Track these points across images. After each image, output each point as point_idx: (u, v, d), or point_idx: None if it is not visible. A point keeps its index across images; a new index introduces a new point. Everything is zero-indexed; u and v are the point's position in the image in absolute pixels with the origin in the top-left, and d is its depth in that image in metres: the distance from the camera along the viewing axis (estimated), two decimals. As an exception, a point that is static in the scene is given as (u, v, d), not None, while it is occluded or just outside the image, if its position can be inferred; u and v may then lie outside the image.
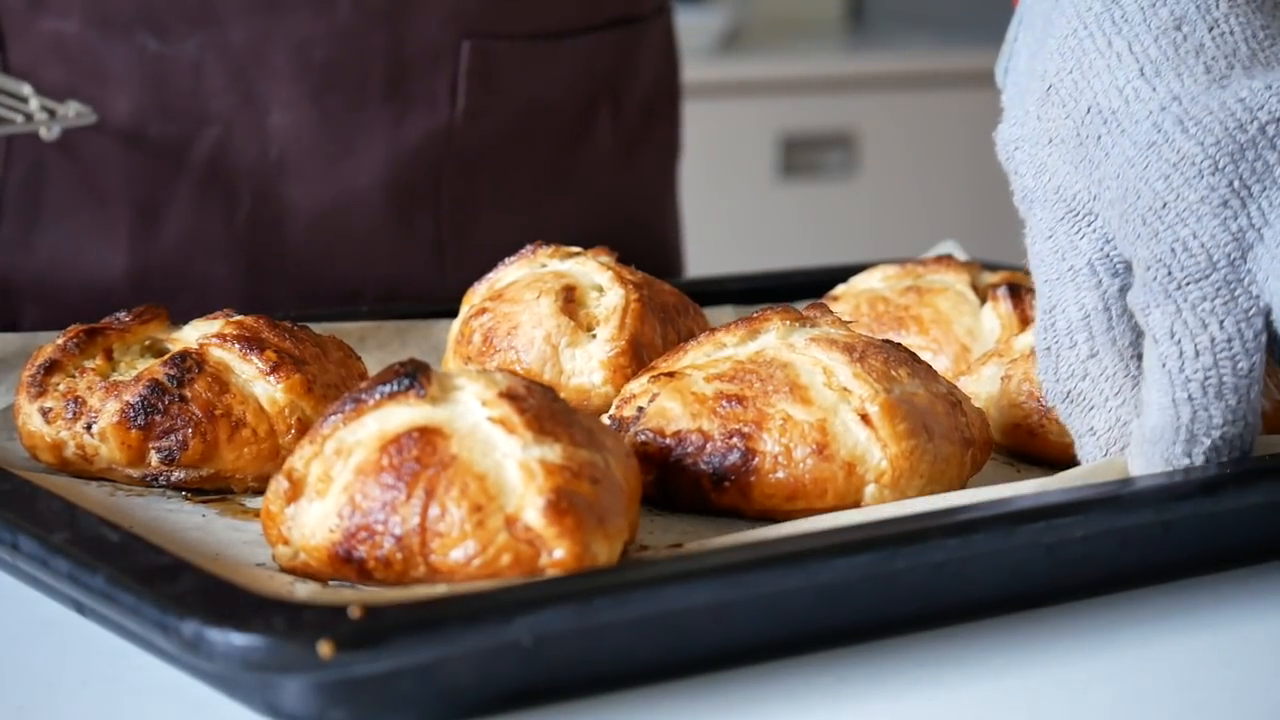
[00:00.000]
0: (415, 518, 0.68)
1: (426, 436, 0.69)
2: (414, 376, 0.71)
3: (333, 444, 0.71)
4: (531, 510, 0.68)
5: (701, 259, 1.90)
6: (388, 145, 1.14)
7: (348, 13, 1.11)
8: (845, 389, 0.80)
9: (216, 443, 0.82)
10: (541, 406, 0.72)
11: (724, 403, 0.80)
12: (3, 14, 1.07)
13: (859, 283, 1.02)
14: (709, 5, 3.25)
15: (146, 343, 0.87)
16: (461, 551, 0.68)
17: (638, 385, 0.84)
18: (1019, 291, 0.97)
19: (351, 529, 0.69)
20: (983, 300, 0.99)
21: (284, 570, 0.72)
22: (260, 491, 0.81)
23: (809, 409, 0.79)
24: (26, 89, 1.05)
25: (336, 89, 1.12)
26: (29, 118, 1.03)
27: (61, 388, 0.83)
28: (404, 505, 0.68)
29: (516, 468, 0.69)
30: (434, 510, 0.68)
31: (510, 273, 0.95)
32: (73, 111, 1.05)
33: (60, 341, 0.85)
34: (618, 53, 1.22)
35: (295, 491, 0.71)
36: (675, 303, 0.94)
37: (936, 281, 1.00)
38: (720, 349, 0.84)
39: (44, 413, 0.83)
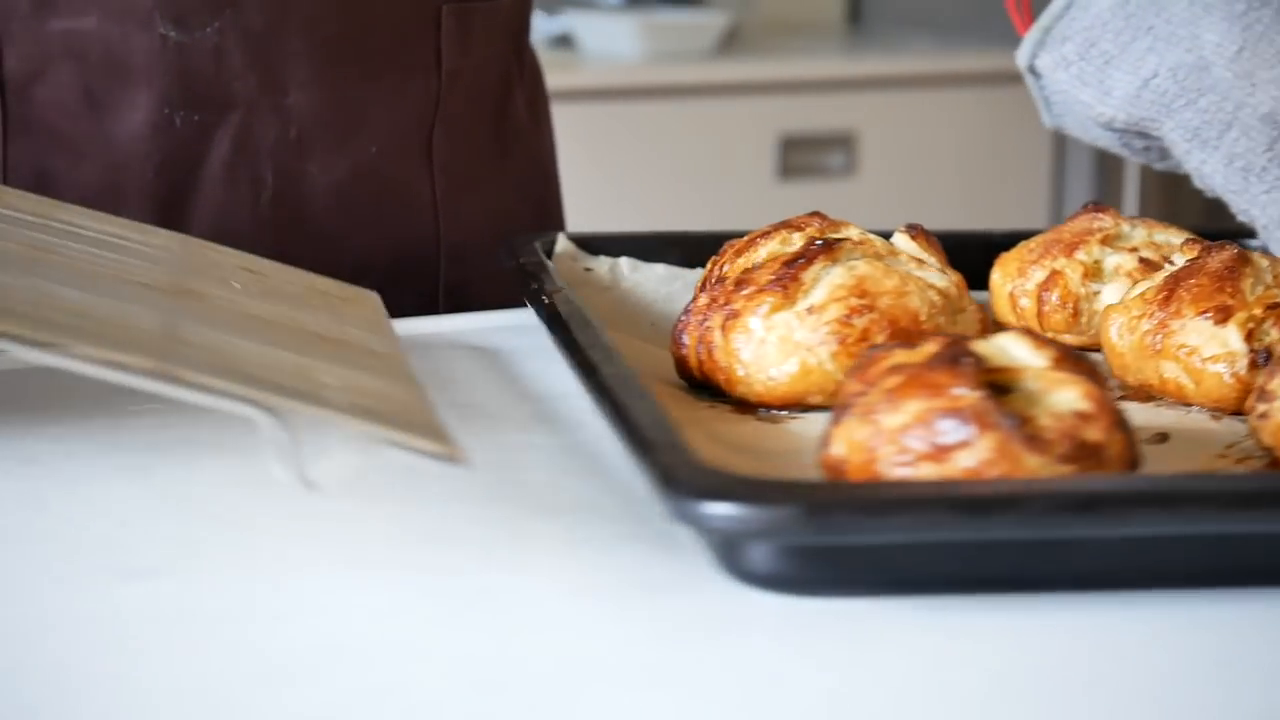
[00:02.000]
0: None
1: None
2: None
3: None
4: None
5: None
6: (390, 114, 1.16)
7: None
8: None
9: None
10: None
11: None
12: (6, 17, 1.07)
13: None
14: (709, 5, 3.25)
15: None
16: None
17: None
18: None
19: None
20: None
21: None
22: None
23: None
24: None
25: (345, 62, 1.13)
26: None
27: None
28: None
29: None
30: None
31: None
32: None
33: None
34: (520, 14, 1.24)
35: None
36: None
37: None
38: None
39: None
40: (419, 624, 0.69)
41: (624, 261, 1.03)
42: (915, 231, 0.96)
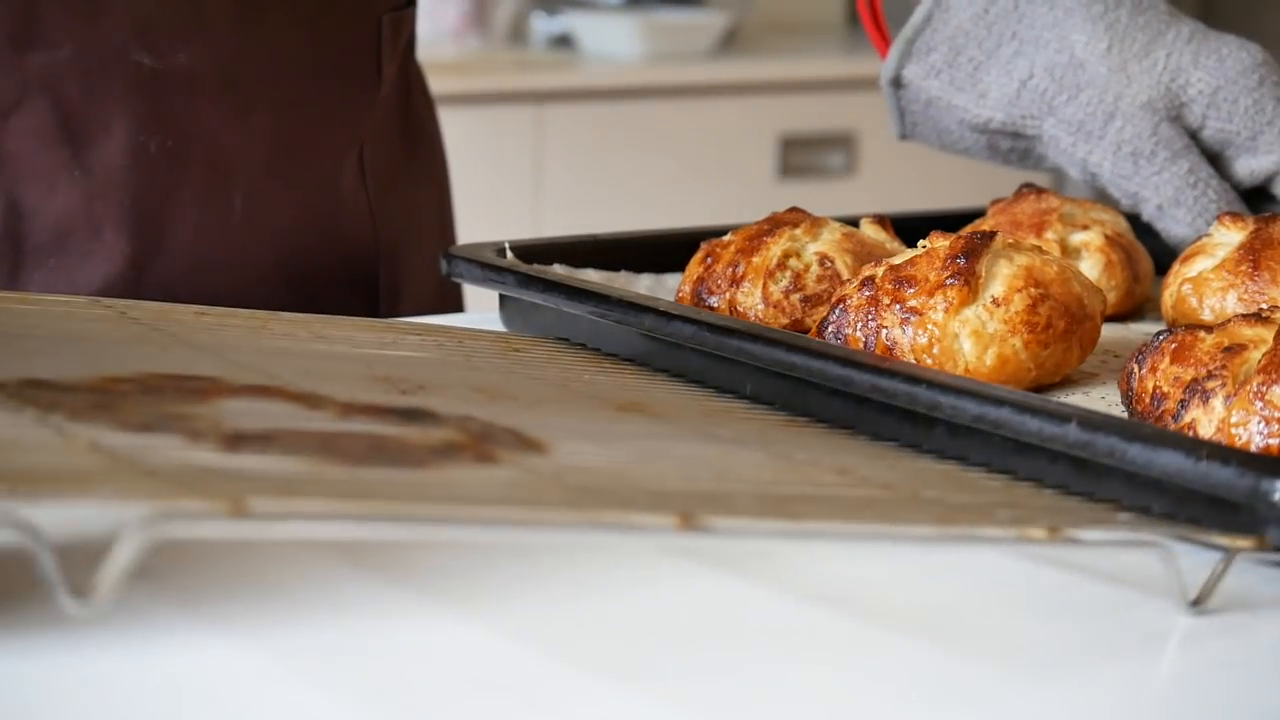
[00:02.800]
0: None
1: None
2: None
3: None
4: None
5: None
6: (338, 125, 1.17)
7: (312, 4, 1.14)
8: None
9: None
10: None
11: None
12: None
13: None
14: (709, 5, 3.25)
15: None
16: None
17: None
18: None
19: None
20: None
21: None
22: None
23: None
24: None
25: (304, 78, 1.14)
26: None
27: None
28: None
29: None
30: None
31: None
32: None
33: None
34: (413, 13, 1.27)
35: None
36: None
37: None
38: None
39: None
40: (424, 625, 0.69)
41: (558, 269, 1.03)
42: (882, 221, 0.99)
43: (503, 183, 2.86)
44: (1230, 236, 0.99)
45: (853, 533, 0.61)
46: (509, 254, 1.03)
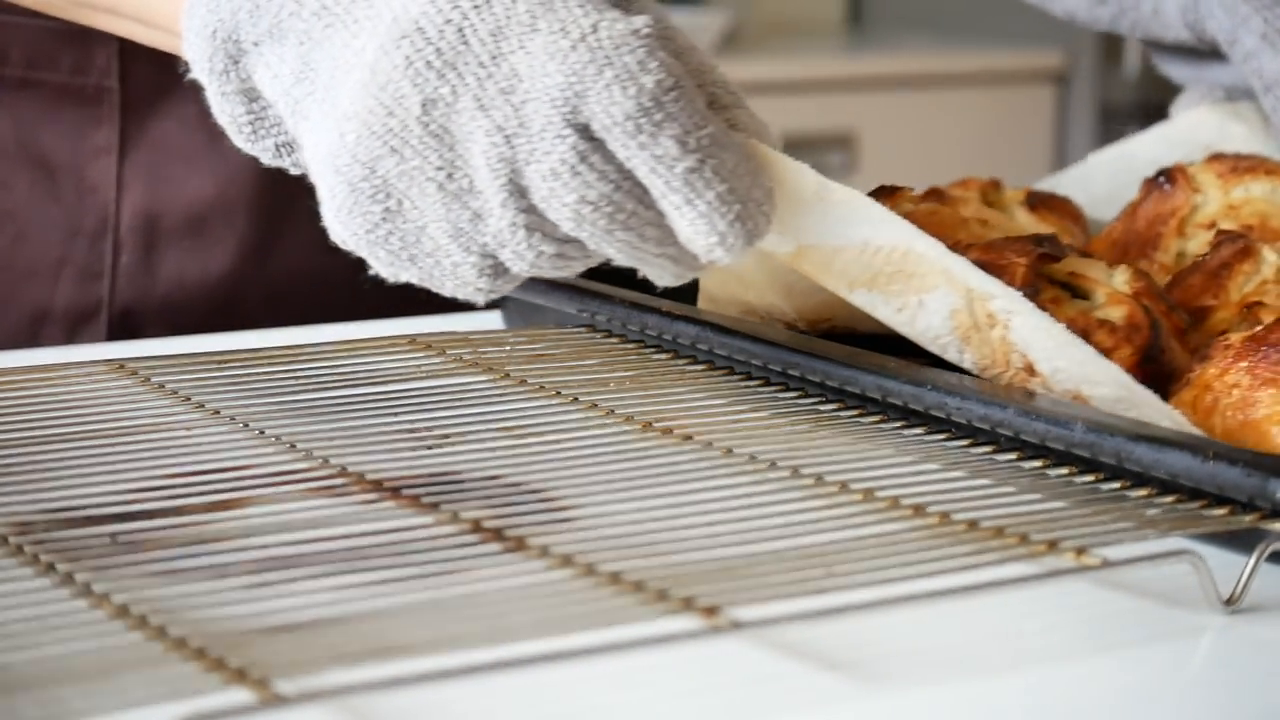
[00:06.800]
0: None
1: None
2: None
3: None
4: None
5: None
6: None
7: None
8: None
9: None
10: None
11: None
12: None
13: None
14: (709, 5, 3.26)
15: None
16: None
17: None
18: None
19: None
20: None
21: None
22: None
23: None
24: None
25: None
26: None
27: None
28: None
29: None
30: None
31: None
32: None
33: None
34: None
35: None
36: None
37: None
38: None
39: None
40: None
41: None
42: None
43: (503, 183, 2.87)
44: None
45: (881, 602, 0.63)
46: None
